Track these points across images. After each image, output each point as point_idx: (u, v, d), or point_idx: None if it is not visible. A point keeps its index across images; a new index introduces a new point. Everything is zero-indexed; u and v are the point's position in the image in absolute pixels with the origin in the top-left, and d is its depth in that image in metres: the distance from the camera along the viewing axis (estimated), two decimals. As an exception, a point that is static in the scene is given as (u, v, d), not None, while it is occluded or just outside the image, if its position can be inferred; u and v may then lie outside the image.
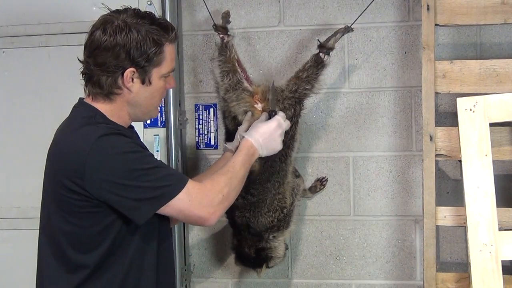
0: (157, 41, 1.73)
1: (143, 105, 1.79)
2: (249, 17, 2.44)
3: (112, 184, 1.66)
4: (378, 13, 2.35)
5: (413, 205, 2.38)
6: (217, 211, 1.79)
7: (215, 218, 1.79)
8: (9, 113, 2.57)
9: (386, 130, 2.39)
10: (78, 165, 1.65)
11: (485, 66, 2.14)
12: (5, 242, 2.60)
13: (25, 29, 2.53)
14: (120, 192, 1.67)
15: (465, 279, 2.14)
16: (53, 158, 1.75)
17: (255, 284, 2.50)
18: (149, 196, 1.69)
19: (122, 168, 1.67)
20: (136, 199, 1.68)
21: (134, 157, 1.69)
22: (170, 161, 2.42)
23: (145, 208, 1.70)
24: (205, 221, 1.78)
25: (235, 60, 2.18)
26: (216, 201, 1.78)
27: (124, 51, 1.70)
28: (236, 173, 1.86)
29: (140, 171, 1.68)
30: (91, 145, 1.65)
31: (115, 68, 1.71)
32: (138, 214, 1.71)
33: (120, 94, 1.75)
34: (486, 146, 1.77)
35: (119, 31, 1.70)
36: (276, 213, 2.18)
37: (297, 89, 2.13)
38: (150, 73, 1.75)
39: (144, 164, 1.70)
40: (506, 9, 2.12)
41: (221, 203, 1.80)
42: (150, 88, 1.77)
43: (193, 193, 1.74)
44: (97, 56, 1.71)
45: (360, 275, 2.44)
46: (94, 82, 1.74)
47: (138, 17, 1.73)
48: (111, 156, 1.66)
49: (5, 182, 2.58)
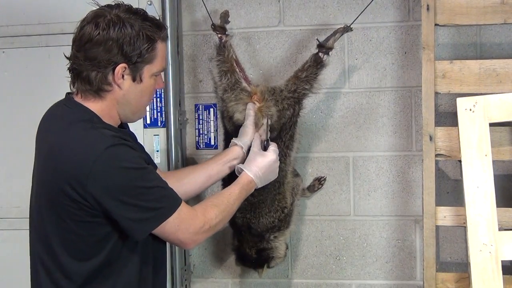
0: (150, 37, 1.69)
1: (133, 104, 1.75)
2: (249, 17, 2.44)
3: (113, 199, 1.64)
4: (378, 13, 2.35)
5: (413, 205, 2.38)
6: (199, 239, 1.79)
7: (194, 245, 1.81)
8: (9, 113, 2.57)
9: (386, 130, 2.39)
10: (82, 173, 1.62)
11: (485, 66, 2.14)
12: (5, 242, 2.60)
13: (25, 29, 2.53)
14: (118, 209, 1.65)
15: (465, 279, 2.14)
16: (51, 162, 1.68)
17: (255, 284, 2.50)
18: (145, 217, 1.68)
19: (124, 184, 1.64)
20: (132, 218, 1.67)
21: (137, 174, 1.66)
22: (170, 161, 2.42)
23: (140, 228, 1.69)
24: (185, 245, 1.81)
25: (233, 60, 2.18)
26: (201, 230, 1.78)
27: (117, 46, 1.65)
28: (229, 207, 1.88)
29: (140, 189, 1.66)
30: (98, 156, 1.61)
31: (107, 63, 1.66)
32: (135, 232, 1.70)
33: (110, 91, 1.71)
34: (486, 146, 1.77)
35: (112, 25, 1.65)
36: (277, 213, 2.18)
37: (296, 89, 2.13)
38: (141, 70, 1.71)
39: (145, 182, 1.68)
40: (506, 9, 2.11)
41: (206, 233, 1.80)
42: (140, 86, 1.73)
43: (183, 219, 1.73)
44: (87, 50, 1.66)
45: (360, 275, 2.44)
46: (83, 78, 1.69)
47: (130, 13, 1.70)
48: (116, 169, 1.64)
49: (5, 182, 2.58)
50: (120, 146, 1.66)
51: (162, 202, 1.70)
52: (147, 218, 1.68)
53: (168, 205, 1.71)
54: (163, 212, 1.70)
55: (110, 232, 1.70)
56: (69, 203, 1.65)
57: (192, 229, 1.76)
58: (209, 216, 1.80)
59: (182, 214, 1.73)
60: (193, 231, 1.76)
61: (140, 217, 1.67)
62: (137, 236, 1.71)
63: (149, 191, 1.68)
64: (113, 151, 1.64)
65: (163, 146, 2.45)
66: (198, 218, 1.77)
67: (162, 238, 1.78)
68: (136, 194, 1.66)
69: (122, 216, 1.66)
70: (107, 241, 1.71)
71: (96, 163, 1.61)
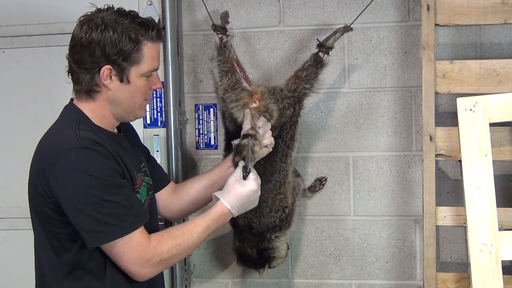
0: (133, 39, 1.71)
1: (124, 104, 1.77)
2: (249, 17, 2.44)
3: (67, 202, 1.65)
4: (378, 13, 2.35)
5: (413, 205, 2.38)
6: (148, 273, 1.72)
7: (142, 278, 1.72)
8: (9, 113, 2.57)
9: (386, 130, 2.39)
10: (48, 166, 1.65)
11: (485, 66, 2.14)
12: (5, 242, 2.60)
13: (25, 29, 2.53)
14: (72, 213, 1.65)
15: (465, 279, 2.14)
16: (33, 157, 1.75)
17: (255, 284, 2.50)
18: (95, 229, 1.66)
19: (81, 189, 1.64)
20: (82, 227, 1.66)
21: (98, 184, 1.65)
22: (170, 161, 2.42)
23: (90, 238, 1.67)
24: (133, 276, 1.73)
25: (234, 60, 2.17)
26: (149, 263, 1.71)
27: (99, 48, 1.69)
28: (189, 241, 1.77)
29: (97, 200, 1.65)
30: (64, 154, 1.64)
31: (91, 65, 1.71)
32: (86, 241, 1.68)
33: (100, 92, 1.75)
34: (486, 146, 1.77)
35: (94, 28, 1.69)
36: (278, 213, 2.18)
37: (296, 88, 2.13)
38: (128, 71, 1.73)
39: (105, 195, 1.65)
40: (506, 9, 2.12)
41: (156, 266, 1.73)
42: (129, 87, 1.75)
43: (131, 247, 1.68)
44: (75, 53, 1.73)
45: (360, 275, 2.43)
46: (75, 80, 1.76)
47: (118, 15, 1.72)
48: (78, 172, 1.64)
49: (5, 182, 2.58)
50: (91, 151, 1.66)
51: (117, 220, 1.67)
52: (97, 231, 1.66)
53: (122, 225, 1.67)
54: (114, 230, 1.67)
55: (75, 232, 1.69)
56: (39, 197, 1.69)
57: (139, 260, 1.69)
58: (160, 249, 1.72)
59: (132, 241, 1.68)
60: (139, 263, 1.69)
61: (90, 228, 1.66)
62: (88, 245, 1.68)
63: (105, 204, 1.65)
64: (83, 153, 1.65)
65: (163, 146, 2.45)
66: (148, 249, 1.70)
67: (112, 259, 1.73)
68: (91, 203, 1.64)
69: (74, 222, 1.66)
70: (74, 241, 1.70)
71: (61, 159, 1.64)
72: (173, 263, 1.81)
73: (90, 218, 1.65)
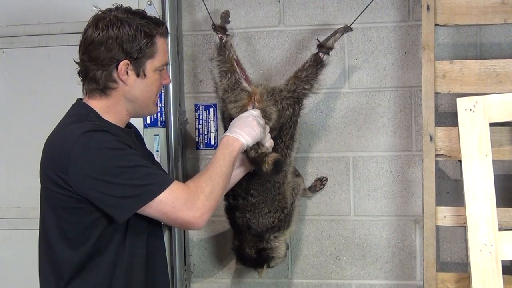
0: (148, 33, 1.77)
1: (140, 99, 1.81)
2: (249, 17, 2.44)
3: (93, 180, 1.66)
4: (378, 13, 2.35)
5: (413, 205, 2.38)
6: (203, 214, 1.74)
7: (201, 221, 1.75)
8: (9, 113, 2.57)
9: (386, 130, 2.39)
10: (62, 159, 1.67)
11: (485, 66, 2.14)
12: (5, 242, 2.60)
13: (25, 29, 2.53)
14: (100, 188, 1.67)
15: (465, 279, 2.14)
16: (43, 153, 1.77)
17: (255, 284, 2.50)
18: (130, 194, 1.68)
19: (103, 164, 1.67)
20: (116, 196, 1.68)
21: (117, 154, 1.69)
22: (170, 161, 2.42)
23: (125, 206, 1.69)
24: (191, 225, 1.75)
25: (234, 60, 2.17)
26: (199, 203, 1.74)
27: (117, 44, 1.73)
28: (216, 169, 1.83)
29: (122, 168, 1.68)
30: (76, 140, 1.66)
31: (109, 61, 1.74)
32: (118, 212, 1.70)
33: (116, 89, 1.78)
34: (486, 146, 1.77)
35: (110, 25, 1.74)
36: (276, 214, 2.18)
37: (296, 88, 2.13)
38: (144, 65, 1.78)
39: (127, 162, 1.69)
40: (506, 9, 2.12)
41: (205, 204, 1.75)
42: (145, 81, 1.80)
43: (176, 195, 1.72)
44: (91, 51, 1.75)
45: (360, 275, 2.43)
46: (90, 78, 1.77)
47: (128, 13, 1.78)
48: (94, 151, 1.67)
49: (5, 182, 2.58)
50: (99, 132, 1.70)
51: (150, 179, 1.70)
52: (133, 195, 1.69)
53: (157, 182, 1.71)
54: (150, 189, 1.70)
55: (98, 219, 1.71)
56: (56, 189, 1.70)
57: (189, 204, 1.72)
58: (199, 185, 1.76)
59: (174, 190, 1.71)
60: (190, 206, 1.73)
61: (124, 195, 1.68)
62: (121, 216, 1.70)
63: (132, 170, 1.69)
64: (91, 134, 1.68)
65: (163, 146, 2.45)
66: (190, 190, 1.74)
67: (166, 222, 1.79)
68: (119, 173, 1.67)
69: (105, 195, 1.67)
70: (95, 229, 1.72)
71: (74, 146, 1.66)
72: (218, 196, 1.80)
73: (124, 185, 1.67)
